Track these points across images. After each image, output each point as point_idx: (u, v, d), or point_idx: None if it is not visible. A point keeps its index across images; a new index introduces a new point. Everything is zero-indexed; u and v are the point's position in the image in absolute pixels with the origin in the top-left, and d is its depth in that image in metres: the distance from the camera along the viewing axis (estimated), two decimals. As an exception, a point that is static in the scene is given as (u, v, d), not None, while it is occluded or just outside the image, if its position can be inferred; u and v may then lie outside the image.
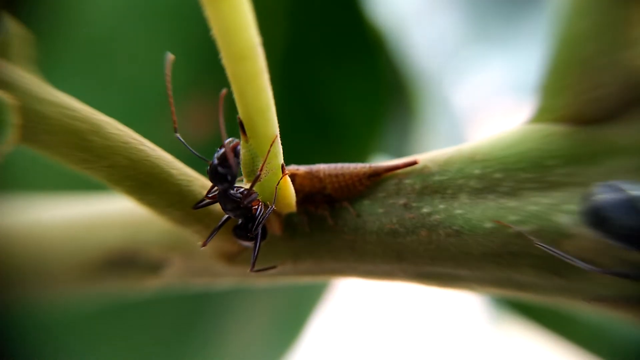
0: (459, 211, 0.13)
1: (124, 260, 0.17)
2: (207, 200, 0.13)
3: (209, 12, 0.10)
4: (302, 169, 0.16)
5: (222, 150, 0.12)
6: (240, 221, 0.14)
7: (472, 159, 0.13)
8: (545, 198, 0.12)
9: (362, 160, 0.32)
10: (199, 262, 0.17)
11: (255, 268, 0.14)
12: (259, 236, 0.14)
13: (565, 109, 0.11)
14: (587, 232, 0.11)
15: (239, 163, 0.13)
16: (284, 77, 0.30)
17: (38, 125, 0.10)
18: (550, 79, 0.12)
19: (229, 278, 0.17)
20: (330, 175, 0.15)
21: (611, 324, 0.22)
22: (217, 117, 0.13)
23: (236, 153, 0.13)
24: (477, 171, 0.13)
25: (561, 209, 0.11)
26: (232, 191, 0.13)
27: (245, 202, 0.13)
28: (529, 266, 0.12)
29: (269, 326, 0.31)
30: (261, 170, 0.13)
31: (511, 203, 0.12)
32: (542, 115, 0.12)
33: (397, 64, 0.30)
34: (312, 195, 0.16)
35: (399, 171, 0.15)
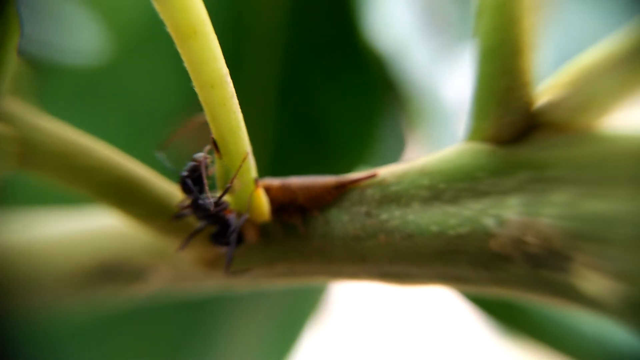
0: (411, 217, 0.15)
1: (113, 269, 0.18)
2: (185, 211, 0.15)
3: (180, 48, 0.12)
4: (275, 182, 0.17)
5: (191, 163, 0.14)
6: (216, 229, 0.15)
7: (422, 172, 0.15)
8: (476, 204, 0.13)
9: (355, 169, 0.34)
10: (183, 269, 0.18)
11: (232, 270, 0.15)
12: (233, 242, 0.15)
13: (489, 130, 0.13)
14: (506, 232, 0.13)
15: (203, 175, 0.14)
16: (279, 90, 0.31)
17: (31, 151, 0.12)
18: (476, 105, 0.14)
19: (211, 282, 0.19)
20: (301, 188, 0.17)
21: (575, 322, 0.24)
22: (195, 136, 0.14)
23: (204, 166, 0.14)
24: (426, 182, 0.15)
25: (488, 213, 0.13)
26: (201, 201, 0.14)
27: (215, 211, 0.14)
28: (465, 262, 0.14)
29: (267, 332, 0.33)
30: (231, 183, 0.14)
31: (452, 209, 0.14)
32: (473, 135, 0.14)
33: (392, 75, 0.32)
34: (285, 205, 0.17)
35: (362, 183, 0.16)
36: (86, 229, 0.18)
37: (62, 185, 0.13)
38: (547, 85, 0.13)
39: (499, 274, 0.13)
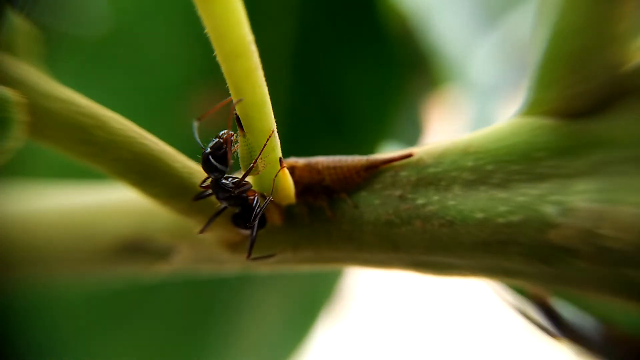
0: (452, 202, 0.13)
1: (136, 246, 0.18)
2: (207, 192, 0.14)
3: (201, 12, 0.11)
4: (301, 161, 0.16)
5: (215, 140, 0.13)
6: (238, 210, 0.14)
7: (465, 152, 0.13)
8: (533, 189, 0.12)
9: (372, 151, 0.32)
10: (205, 250, 0.17)
11: (255, 256, 0.15)
12: (256, 225, 0.14)
13: (553, 102, 0.12)
14: (572, 222, 0.11)
15: (228, 153, 0.13)
16: (296, 66, 0.30)
17: (44, 121, 0.11)
18: (539, 73, 0.12)
19: (233, 265, 0.18)
20: (328, 167, 0.16)
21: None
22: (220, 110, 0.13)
23: (228, 143, 0.13)
24: (470, 163, 0.13)
25: (548, 199, 0.12)
26: (224, 181, 0.13)
27: (237, 192, 0.13)
28: (517, 254, 0.12)
29: (282, 317, 0.32)
30: (255, 162, 0.13)
31: (501, 194, 0.12)
32: (531, 108, 0.12)
33: (418, 45, 0.29)
34: (311, 186, 0.16)
35: (395, 163, 0.15)
36: (108, 204, 0.18)
37: (76, 160, 0.13)
38: None
39: (560, 270, 0.12)
